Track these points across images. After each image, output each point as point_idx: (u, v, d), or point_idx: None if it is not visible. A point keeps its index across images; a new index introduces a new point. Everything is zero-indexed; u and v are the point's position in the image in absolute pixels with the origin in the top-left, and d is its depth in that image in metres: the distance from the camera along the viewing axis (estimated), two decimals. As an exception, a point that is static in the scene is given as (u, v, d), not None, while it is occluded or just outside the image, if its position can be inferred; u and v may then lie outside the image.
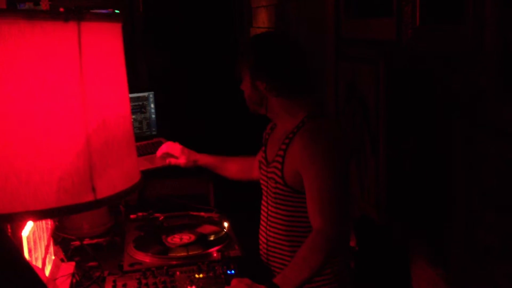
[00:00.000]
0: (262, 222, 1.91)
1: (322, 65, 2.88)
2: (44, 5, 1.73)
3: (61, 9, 3.35)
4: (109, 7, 4.44)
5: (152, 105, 3.01)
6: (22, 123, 0.80)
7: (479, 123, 1.58)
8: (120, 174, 0.90)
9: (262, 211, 1.91)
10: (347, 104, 2.58)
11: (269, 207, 1.85)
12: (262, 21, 4.10)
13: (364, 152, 2.38)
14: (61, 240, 2.01)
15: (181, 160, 2.20)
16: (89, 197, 0.85)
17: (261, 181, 1.92)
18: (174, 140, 2.30)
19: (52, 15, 0.81)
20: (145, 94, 3.00)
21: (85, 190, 0.84)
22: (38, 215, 0.81)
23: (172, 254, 1.90)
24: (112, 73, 0.91)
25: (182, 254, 1.89)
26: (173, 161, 2.23)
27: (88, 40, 0.84)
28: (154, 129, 3.04)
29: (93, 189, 0.85)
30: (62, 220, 2.04)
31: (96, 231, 2.10)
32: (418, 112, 1.97)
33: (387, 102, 2.15)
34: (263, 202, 1.91)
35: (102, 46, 0.88)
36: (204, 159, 2.21)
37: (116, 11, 4.43)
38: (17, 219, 0.79)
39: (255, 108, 1.84)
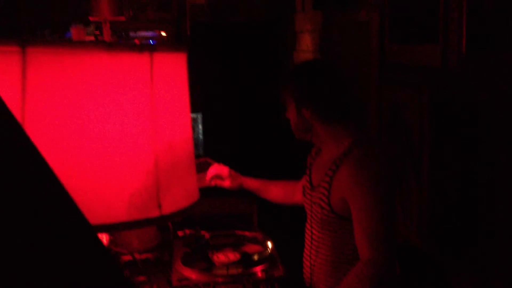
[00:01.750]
0: (306, 246, 1.93)
1: (366, 89, 2.91)
2: (106, 31, 1.84)
3: (136, 41, 3.51)
4: (156, 29, 4.60)
5: (200, 126, 3.11)
6: (99, 144, 0.88)
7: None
8: (183, 192, 0.97)
9: (306, 234, 1.94)
10: (390, 129, 2.60)
11: (313, 231, 1.87)
12: (305, 44, 4.17)
13: (406, 177, 2.39)
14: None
15: (227, 183, 2.27)
16: (155, 213, 0.92)
17: (305, 205, 1.95)
18: (219, 160, 2.36)
19: (129, 47, 0.89)
20: (194, 115, 3.11)
21: (152, 206, 0.91)
22: (110, 228, 0.88)
23: (217, 272, 1.95)
24: (178, 99, 0.99)
25: (227, 272, 1.94)
26: (218, 182, 2.29)
27: (158, 68, 0.93)
28: (200, 149, 3.13)
29: (159, 206, 0.92)
30: (114, 234, 2.13)
31: (145, 247, 2.18)
32: (463, 138, 1.98)
33: (431, 127, 2.17)
34: (307, 225, 1.94)
35: (171, 74, 0.96)
36: (248, 183, 2.26)
37: (162, 33, 4.59)
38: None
39: (301, 135, 1.89)
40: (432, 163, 2.17)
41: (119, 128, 0.88)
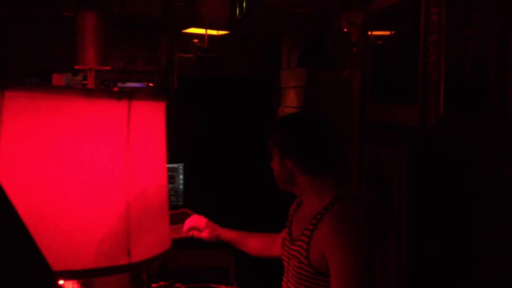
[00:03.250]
0: (281, 300, 1.90)
1: (347, 146, 2.96)
2: (90, 79, 1.87)
3: (115, 89, 3.57)
4: (145, 81, 4.67)
5: (181, 176, 3.10)
6: (70, 188, 0.88)
7: (503, 213, 1.61)
8: (154, 240, 0.96)
9: (282, 288, 1.92)
10: (370, 186, 2.63)
11: (290, 285, 1.85)
12: (290, 100, 4.25)
13: (386, 235, 2.39)
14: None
15: (204, 234, 2.24)
16: (124, 261, 0.90)
17: (283, 258, 1.93)
18: (199, 212, 2.35)
19: (107, 93, 0.91)
20: (175, 165, 3.12)
21: (121, 254, 0.90)
22: (77, 274, 0.86)
23: (190, 326, 1.90)
24: (154, 146, 0.99)
25: (201, 326, 1.89)
26: (196, 233, 2.27)
27: (136, 116, 0.94)
28: (181, 200, 3.11)
29: (129, 253, 0.91)
30: (87, 284, 2.07)
31: (117, 298, 2.12)
32: (441, 197, 2.00)
33: (410, 185, 2.19)
34: (284, 279, 1.92)
35: (148, 121, 0.97)
36: (226, 234, 2.24)
37: (150, 84, 4.65)
38: (58, 278, 0.85)
39: (283, 186, 1.89)
40: (411, 220, 2.18)
41: (92, 173, 0.89)
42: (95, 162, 0.89)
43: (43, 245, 0.85)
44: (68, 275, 0.86)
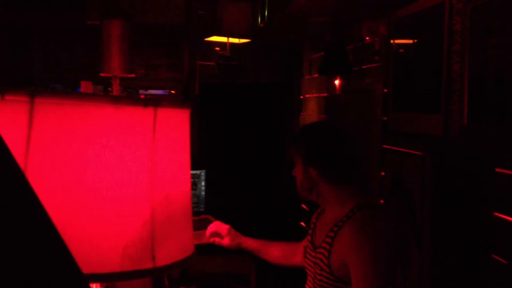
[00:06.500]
0: (305, 307, 1.90)
1: (369, 154, 2.94)
2: (115, 87, 1.91)
3: (142, 96, 3.63)
4: (167, 88, 4.72)
5: (203, 183, 3.12)
6: (97, 193, 0.89)
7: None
8: (178, 245, 0.98)
9: (306, 296, 1.91)
10: (392, 195, 2.61)
11: (314, 292, 1.85)
12: (311, 109, 4.25)
13: (407, 244, 2.37)
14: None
15: (225, 241, 2.25)
16: (149, 265, 0.92)
17: (307, 265, 1.94)
18: (221, 218, 2.36)
19: (133, 101, 0.92)
20: (198, 172, 3.14)
21: (146, 258, 0.91)
22: (103, 278, 0.88)
23: (211, 332, 1.91)
24: (178, 153, 1.01)
25: (221, 333, 1.90)
26: (217, 240, 2.28)
27: (162, 123, 0.96)
28: (202, 206, 3.13)
29: (153, 258, 0.92)
30: (109, 287, 2.09)
31: (139, 303, 2.14)
32: (464, 206, 1.98)
33: (432, 195, 2.17)
34: (306, 287, 1.92)
35: (173, 128, 0.99)
36: (248, 243, 2.24)
37: (172, 91, 4.70)
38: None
39: (305, 194, 1.90)
40: (433, 230, 2.16)
41: (118, 179, 0.90)
42: (122, 168, 0.91)
43: (71, 249, 0.86)
44: (95, 278, 0.88)
